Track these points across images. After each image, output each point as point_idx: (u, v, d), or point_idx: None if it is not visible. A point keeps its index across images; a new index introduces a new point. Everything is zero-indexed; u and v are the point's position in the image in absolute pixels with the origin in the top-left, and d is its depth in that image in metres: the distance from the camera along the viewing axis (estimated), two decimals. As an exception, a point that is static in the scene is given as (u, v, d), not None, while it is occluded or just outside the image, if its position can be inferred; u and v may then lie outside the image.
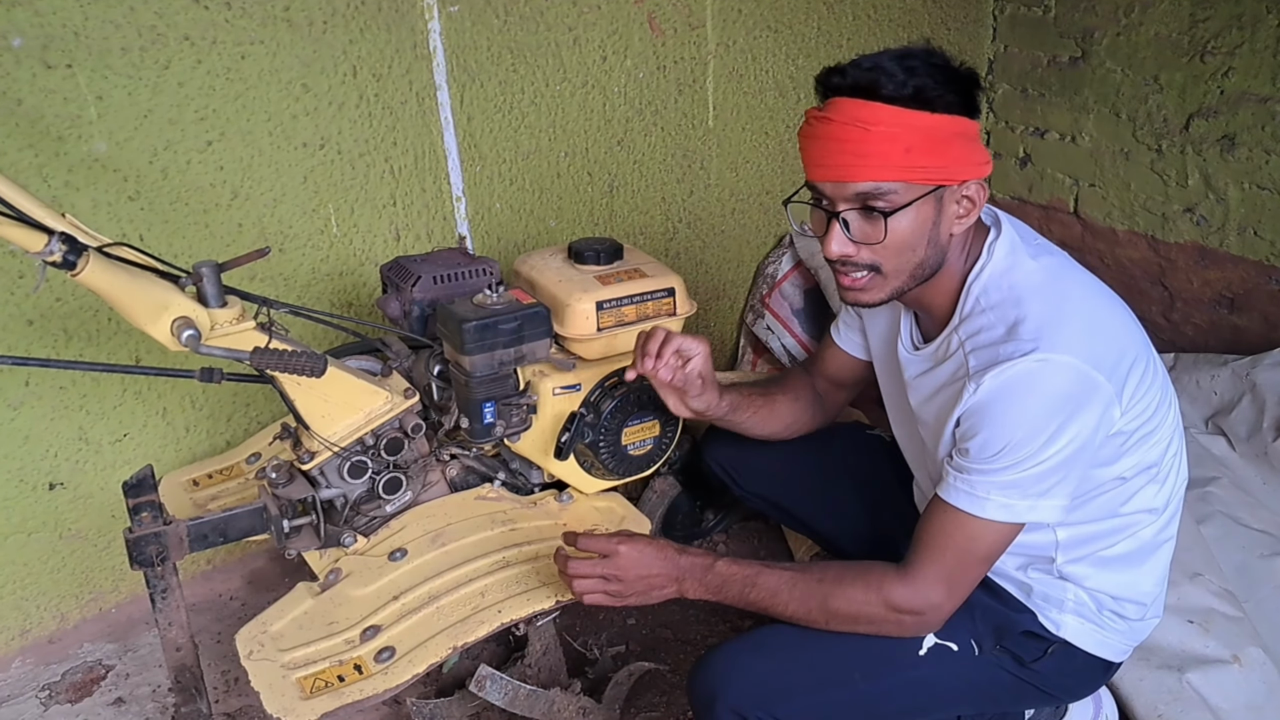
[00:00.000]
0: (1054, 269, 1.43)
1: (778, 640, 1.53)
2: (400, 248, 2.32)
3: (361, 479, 1.63)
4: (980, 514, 1.36)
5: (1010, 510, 1.35)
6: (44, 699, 2.01)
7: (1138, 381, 1.39)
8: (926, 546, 1.41)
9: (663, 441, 1.86)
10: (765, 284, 2.98)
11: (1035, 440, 1.31)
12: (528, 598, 1.56)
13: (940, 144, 1.32)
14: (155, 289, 1.40)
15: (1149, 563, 1.54)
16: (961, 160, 1.34)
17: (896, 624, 1.44)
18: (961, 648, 1.52)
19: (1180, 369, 2.68)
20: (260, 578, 2.37)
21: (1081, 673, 1.58)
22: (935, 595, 1.41)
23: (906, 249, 1.38)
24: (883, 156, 1.31)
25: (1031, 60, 3.12)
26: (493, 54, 2.28)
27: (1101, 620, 1.54)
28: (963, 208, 1.39)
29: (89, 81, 1.85)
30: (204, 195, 2.04)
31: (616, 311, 1.73)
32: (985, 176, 1.38)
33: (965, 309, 1.43)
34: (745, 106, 2.78)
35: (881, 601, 1.42)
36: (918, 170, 1.32)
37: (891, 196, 1.33)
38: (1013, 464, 1.33)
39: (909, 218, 1.35)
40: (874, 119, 1.30)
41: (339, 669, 1.47)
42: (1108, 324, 1.40)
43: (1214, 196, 2.72)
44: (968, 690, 1.55)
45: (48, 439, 2.04)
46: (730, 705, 1.45)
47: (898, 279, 1.42)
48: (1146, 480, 1.47)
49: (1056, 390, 1.31)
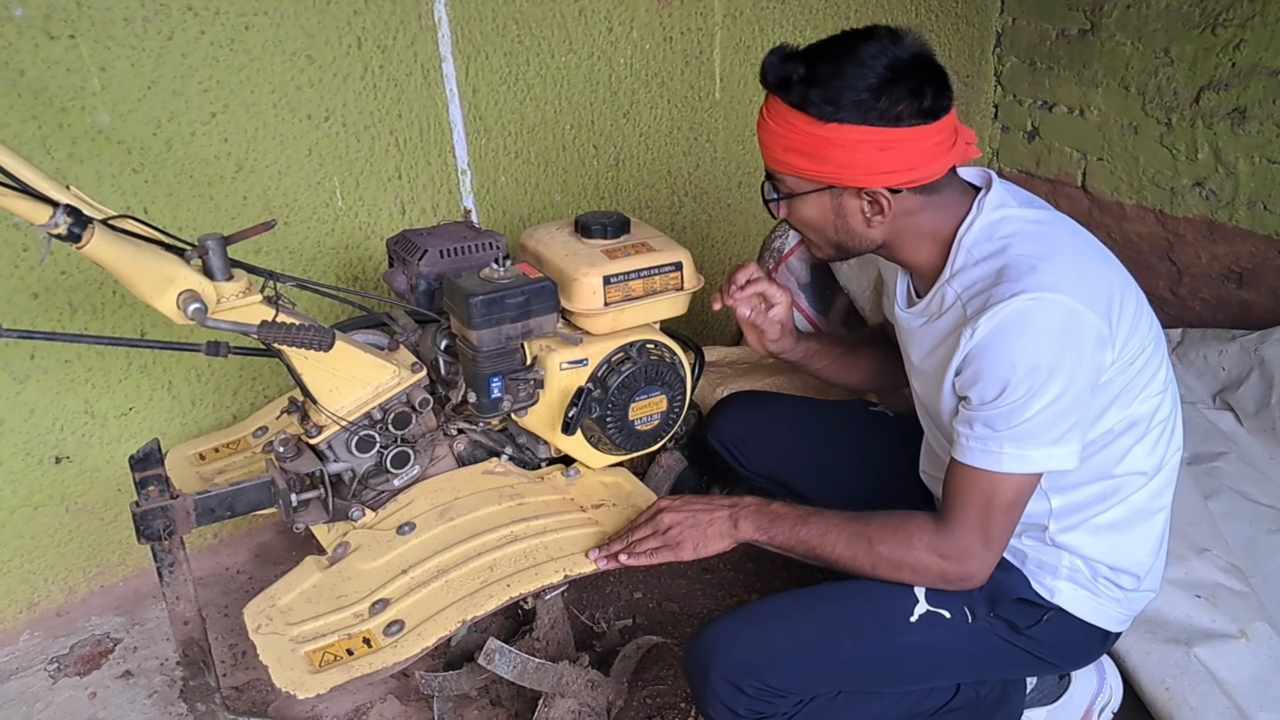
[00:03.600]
0: (1043, 219, 1.46)
1: (770, 611, 1.55)
2: (406, 221, 2.31)
3: (369, 453, 1.63)
4: (997, 469, 1.37)
5: (1025, 461, 1.36)
6: (52, 671, 2.02)
7: (1130, 322, 1.40)
8: (953, 501, 1.43)
9: (670, 417, 1.85)
10: (772, 258, 2.96)
11: (1033, 379, 1.32)
12: (536, 572, 1.55)
13: (818, 150, 1.38)
14: (161, 262, 1.39)
15: (1141, 529, 1.54)
16: (852, 168, 1.38)
17: (939, 572, 1.46)
18: (954, 615, 1.52)
19: (1188, 344, 2.67)
20: (267, 552, 2.37)
21: (1079, 641, 1.58)
22: (974, 544, 1.42)
23: (812, 228, 1.51)
24: (769, 149, 1.45)
25: (1040, 33, 3.09)
26: (498, 25, 2.26)
27: (1096, 587, 1.54)
28: (871, 209, 1.44)
29: (92, 52, 1.83)
30: (208, 168, 2.02)
31: (624, 286, 1.72)
32: (907, 183, 1.39)
33: (957, 263, 1.45)
34: (752, 79, 2.75)
35: (924, 548, 1.44)
36: (795, 169, 1.43)
37: (781, 184, 1.48)
38: (1016, 405, 1.34)
39: (806, 205, 1.47)
40: (770, 113, 1.42)
41: (348, 642, 1.47)
42: (1096, 266, 1.42)
43: (1224, 170, 2.71)
44: (962, 658, 1.56)
45: (54, 412, 2.04)
46: (723, 674, 1.47)
47: (819, 250, 1.56)
48: (1135, 439, 1.48)
49: (1049, 328, 1.32)
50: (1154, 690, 1.72)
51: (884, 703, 1.57)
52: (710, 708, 1.51)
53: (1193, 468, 2.29)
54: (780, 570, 2.26)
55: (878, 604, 1.53)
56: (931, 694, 1.59)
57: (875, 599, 1.54)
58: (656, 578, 2.25)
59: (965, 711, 1.60)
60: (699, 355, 2.05)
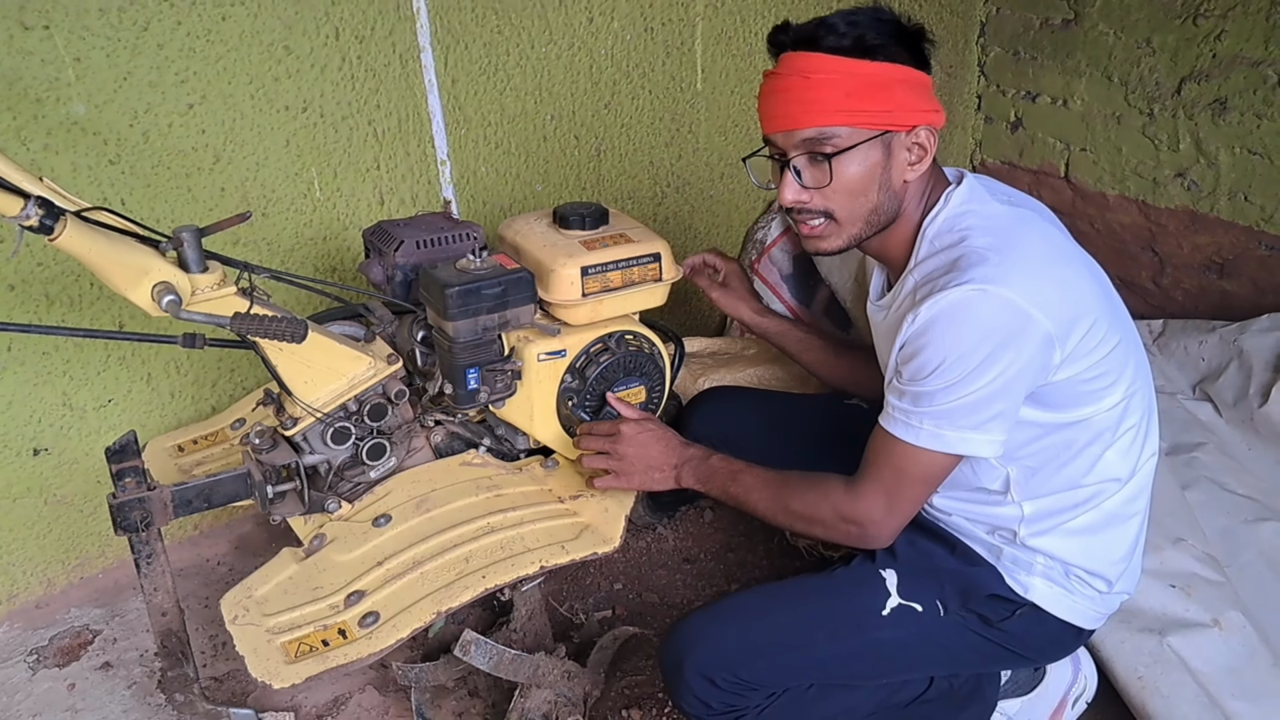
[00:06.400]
0: (1017, 216, 1.46)
1: (744, 606, 1.57)
2: (384, 212, 2.30)
3: (345, 445, 1.63)
4: (914, 441, 1.40)
5: (941, 440, 1.38)
6: (31, 663, 2.02)
7: (1083, 337, 1.38)
8: (868, 464, 1.47)
9: (649, 407, 1.85)
10: (754, 249, 2.97)
11: (966, 365, 1.33)
12: (512, 563, 1.56)
13: (881, 89, 1.37)
14: (135, 254, 1.38)
15: (1115, 534, 1.54)
16: (907, 106, 1.39)
17: (843, 531, 1.50)
18: (926, 608, 1.53)
19: (1169, 335, 2.68)
20: (247, 543, 2.37)
21: (1052, 636, 1.59)
22: (875, 509, 1.46)
23: (858, 193, 1.43)
24: (824, 102, 1.38)
25: (1024, 22, 3.09)
26: (477, 15, 2.26)
27: (1070, 585, 1.54)
28: (914, 154, 1.43)
29: (66, 43, 1.82)
30: (185, 159, 2.02)
31: (602, 277, 1.72)
32: (936, 125, 1.43)
33: (920, 253, 1.46)
34: (734, 69, 2.75)
35: (830, 507, 1.50)
36: (860, 114, 1.38)
37: (836, 140, 1.39)
38: (944, 387, 1.35)
39: (856, 161, 1.41)
40: (815, 68, 1.38)
41: (323, 633, 1.47)
42: (1061, 274, 1.40)
43: (1205, 161, 2.71)
44: (935, 651, 1.57)
45: (31, 404, 2.03)
46: (696, 669, 1.48)
47: (853, 225, 1.47)
48: (1104, 447, 1.48)
49: (989, 321, 1.32)
50: (1127, 679, 1.73)
51: (857, 695, 1.57)
52: (683, 701, 1.52)
53: (1171, 458, 2.30)
54: (761, 559, 2.27)
55: (850, 599, 1.54)
56: (905, 686, 1.60)
57: (848, 594, 1.55)
58: (637, 568, 2.26)
59: (939, 703, 1.61)
60: (679, 346, 2.05)
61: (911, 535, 1.59)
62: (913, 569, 1.56)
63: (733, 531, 2.36)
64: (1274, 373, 2.36)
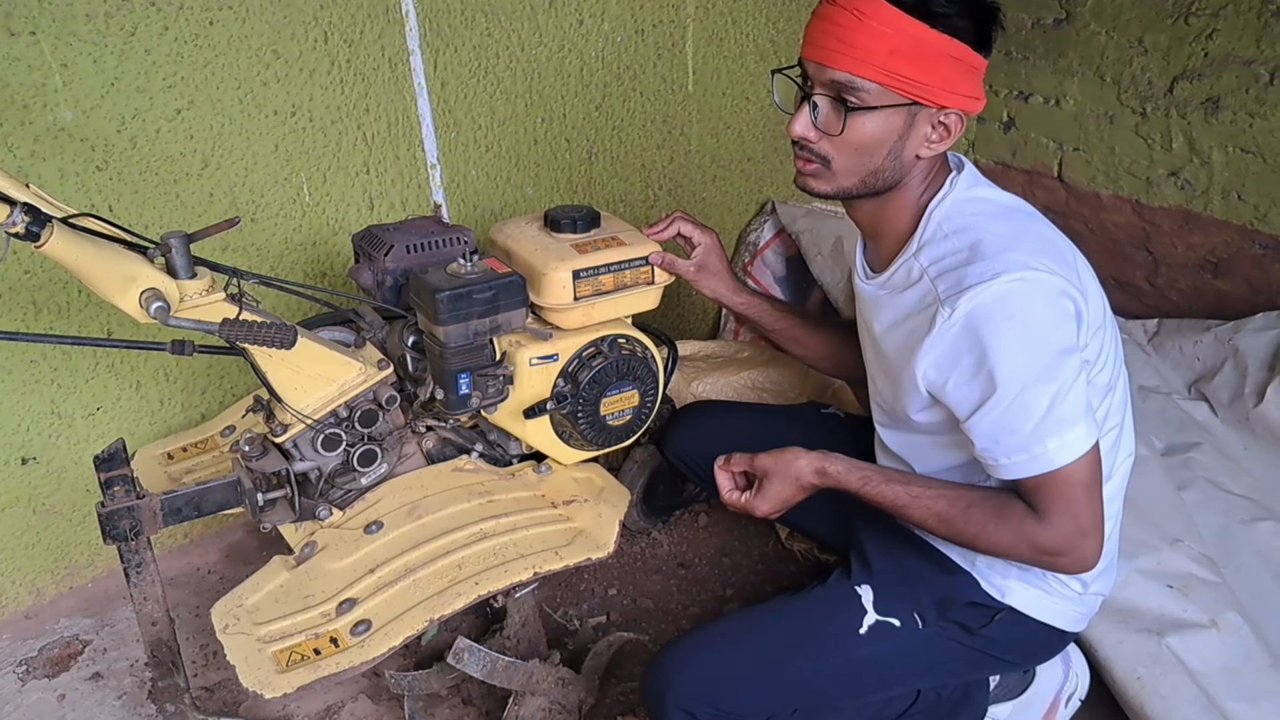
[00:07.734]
0: (1020, 204, 1.45)
1: (722, 634, 1.54)
2: (374, 216, 2.29)
3: (335, 451, 1.61)
4: (1051, 468, 1.32)
5: (1074, 447, 1.31)
6: (21, 674, 2.00)
7: (1093, 322, 1.38)
8: (1035, 504, 1.36)
9: (642, 412, 1.84)
10: (747, 252, 2.96)
11: (1034, 363, 1.29)
12: (505, 569, 1.54)
13: (927, 59, 1.31)
14: (122, 261, 1.37)
15: None
16: (947, 84, 1.33)
17: (1049, 563, 1.40)
18: (904, 622, 1.51)
19: (1163, 334, 2.68)
20: (238, 551, 2.36)
21: (1034, 639, 1.56)
22: (1067, 537, 1.35)
23: (864, 153, 1.39)
24: (866, 50, 1.31)
25: (1016, 22, 3.08)
26: (467, 17, 2.24)
27: (1048, 585, 1.51)
28: (937, 134, 1.39)
29: (53, 49, 1.81)
30: (174, 164, 2.00)
31: (593, 280, 1.71)
32: (971, 111, 1.38)
33: (925, 235, 1.42)
34: (726, 71, 2.74)
35: (1026, 544, 1.37)
36: (896, 77, 1.32)
37: (863, 95, 1.34)
38: (1027, 398, 1.29)
39: (874, 122, 1.36)
40: (871, 12, 1.30)
41: (315, 642, 1.46)
42: (1073, 260, 1.39)
43: (1198, 160, 2.71)
44: (917, 664, 1.55)
45: (19, 413, 2.02)
46: (678, 703, 1.46)
47: (846, 179, 1.43)
48: None
49: (1040, 307, 1.29)
50: (1125, 680, 1.72)
51: (842, 717, 1.56)
52: None
53: (1167, 458, 2.30)
54: (756, 564, 2.26)
55: (827, 619, 1.52)
56: (891, 701, 1.58)
57: (825, 614, 1.53)
58: (631, 574, 2.25)
59: (928, 714, 1.60)
60: (672, 349, 2.04)
61: (887, 544, 1.58)
62: (888, 582, 1.54)
63: (727, 536, 2.35)
64: (1269, 372, 2.35)
